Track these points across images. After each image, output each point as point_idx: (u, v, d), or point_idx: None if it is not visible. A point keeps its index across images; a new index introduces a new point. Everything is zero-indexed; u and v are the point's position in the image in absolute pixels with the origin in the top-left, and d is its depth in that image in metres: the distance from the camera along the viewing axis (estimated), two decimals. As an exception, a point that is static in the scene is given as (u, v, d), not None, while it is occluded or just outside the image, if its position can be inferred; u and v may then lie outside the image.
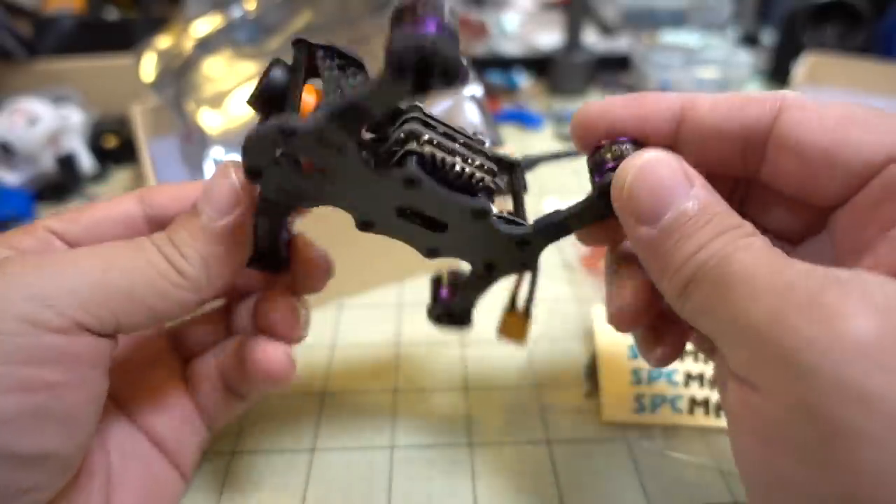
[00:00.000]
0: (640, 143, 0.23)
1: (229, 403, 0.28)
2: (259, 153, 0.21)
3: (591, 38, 0.90)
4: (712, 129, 0.21)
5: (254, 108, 0.22)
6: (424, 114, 0.23)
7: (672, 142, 0.22)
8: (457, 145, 0.23)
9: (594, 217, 0.24)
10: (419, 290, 0.43)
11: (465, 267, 0.27)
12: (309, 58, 0.22)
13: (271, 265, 0.27)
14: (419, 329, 0.40)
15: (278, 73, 0.21)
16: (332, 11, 0.55)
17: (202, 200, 0.23)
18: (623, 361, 0.35)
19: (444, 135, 0.23)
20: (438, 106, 0.47)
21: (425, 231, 0.24)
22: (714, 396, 0.33)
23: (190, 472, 0.28)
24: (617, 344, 0.35)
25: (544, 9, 1.04)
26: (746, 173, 0.22)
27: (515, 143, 0.68)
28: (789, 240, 0.23)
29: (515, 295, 0.29)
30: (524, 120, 0.73)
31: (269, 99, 0.21)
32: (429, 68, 0.16)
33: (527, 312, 0.29)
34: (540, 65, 0.85)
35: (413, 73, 0.16)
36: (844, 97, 0.71)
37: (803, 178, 0.20)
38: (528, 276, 0.28)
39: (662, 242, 0.20)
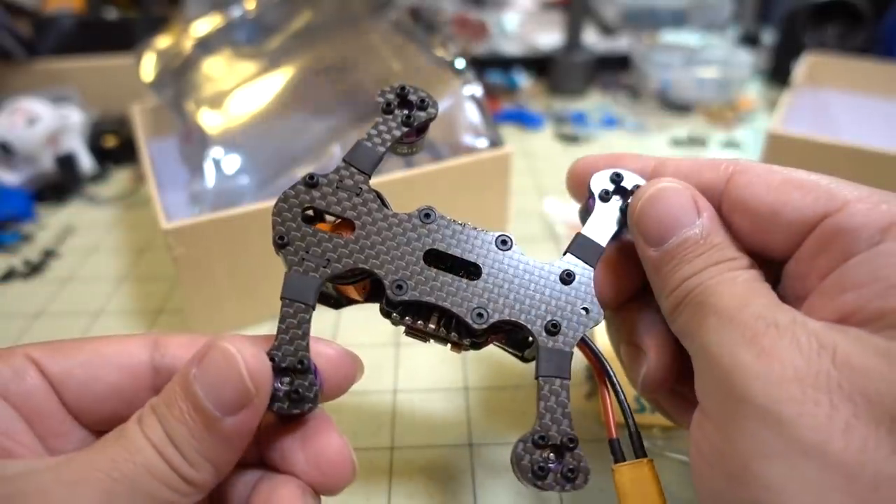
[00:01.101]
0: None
1: None
2: (288, 215, 0.23)
3: (591, 38, 0.90)
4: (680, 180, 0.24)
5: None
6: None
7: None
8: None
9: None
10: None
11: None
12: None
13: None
14: (419, 329, 0.40)
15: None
16: (332, 11, 0.55)
17: (204, 388, 0.19)
18: (623, 361, 0.35)
19: None
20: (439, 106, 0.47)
21: (462, 282, 0.23)
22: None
23: None
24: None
25: (544, 9, 1.04)
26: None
27: (515, 143, 0.68)
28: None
29: (607, 416, 0.24)
30: (524, 120, 0.73)
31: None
32: (407, 101, 0.24)
33: (642, 448, 0.23)
34: (540, 65, 0.85)
35: (398, 108, 0.23)
36: (844, 97, 0.71)
37: (755, 234, 0.22)
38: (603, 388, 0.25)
39: (664, 264, 0.22)
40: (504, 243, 0.24)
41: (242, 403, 0.19)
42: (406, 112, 0.25)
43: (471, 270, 0.23)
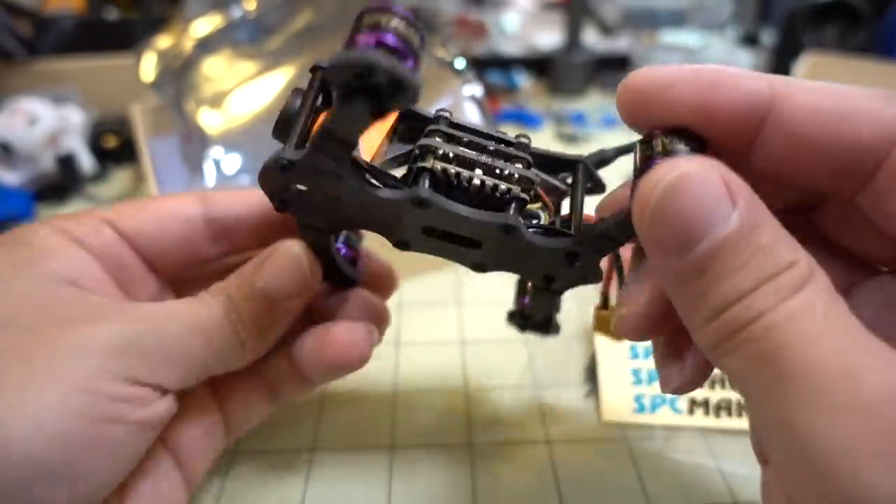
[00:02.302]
0: (702, 141, 0.18)
1: (263, 406, 0.28)
2: (273, 185, 0.22)
3: (591, 38, 0.90)
4: (808, 140, 0.17)
5: (278, 139, 0.22)
6: (451, 122, 0.22)
7: (748, 143, 0.18)
8: (483, 156, 0.21)
9: None
10: (419, 290, 0.43)
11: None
12: (324, 83, 0.22)
13: (340, 280, 0.28)
14: (419, 329, 0.40)
15: (294, 102, 0.21)
16: (333, 11, 0.55)
17: (268, 273, 0.24)
18: (623, 361, 0.35)
19: (469, 144, 0.21)
20: (437, 106, 0.47)
21: (462, 248, 0.22)
22: (714, 397, 0.33)
23: (196, 483, 0.27)
24: (617, 344, 0.35)
25: (544, 9, 1.04)
26: (837, 192, 0.18)
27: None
28: (876, 261, 0.20)
29: (607, 292, 0.28)
30: (524, 120, 0.73)
31: (288, 127, 0.21)
32: (375, 88, 0.15)
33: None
34: (540, 65, 0.85)
35: (362, 95, 0.16)
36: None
37: (802, 168, 0.17)
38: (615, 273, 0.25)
39: (692, 279, 0.16)
40: (508, 232, 0.21)
41: (298, 292, 0.24)
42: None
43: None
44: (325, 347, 0.26)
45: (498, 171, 0.21)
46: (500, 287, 0.28)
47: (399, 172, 0.22)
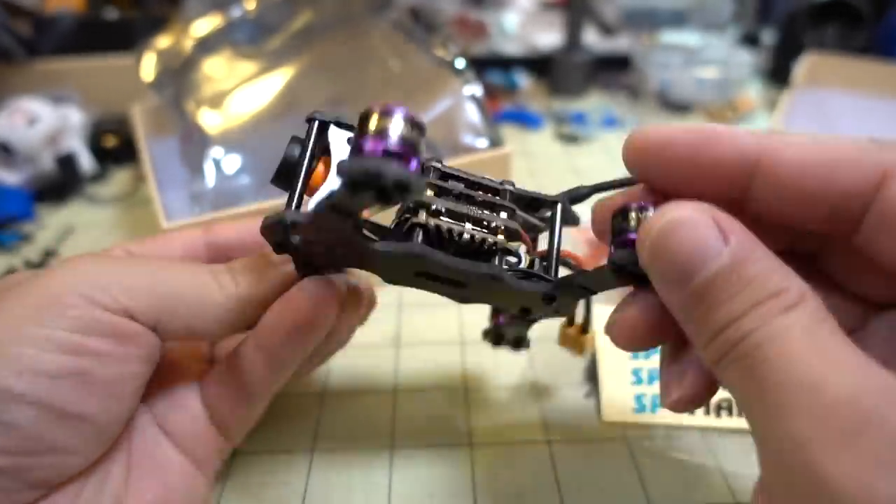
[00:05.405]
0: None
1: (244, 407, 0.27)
2: (276, 236, 0.22)
3: (591, 38, 0.90)
4: (796, 191, 0.19)
5: (279, 187, 0.23)
6: (442, 173, 0.24)
7: (742, 193, 0.20)
8: (472, 207, 0.23)
9: (619, 285, 0.22)
10: (419, 291, 0.43)
11: None
12: (320, 131, 0.23)
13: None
14: (419, 329, 0.40)
15: (293, 151, 0.23)
16: (332, 11, 0.55)
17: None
18: (623, 361, 0.35)
19: (459, 196, 0.23)
20: (437, 106, 0.47)
21: (449, 287, 0.24)
22: (714, 397, 0.33)
23: (212, 472, 0.27)
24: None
25: (544, 9, 1.04)
26: (834, 234, 0.20)
27: (515, 143, 0.68)
28: (881, 300, 0.21)
29: (573, 311, 0.29)
30: (524, 120, 0.73)
31: (287, 175, 0.23)
32: (382, 189, 0.17)
33: (584, 328, 0.31)
34: (540, 65, 0.85)
35: (368, 190, 0.17)
36: (844, 97, 0.71)
37: (792, 212, 0.19)
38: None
39: (694, 307, 0.18)
40: (495, 280, 0.23)
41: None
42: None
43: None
44: (284, 303, 0.25)
45: (485, 223, 0.23)
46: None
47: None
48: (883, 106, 0.70)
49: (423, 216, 0.22)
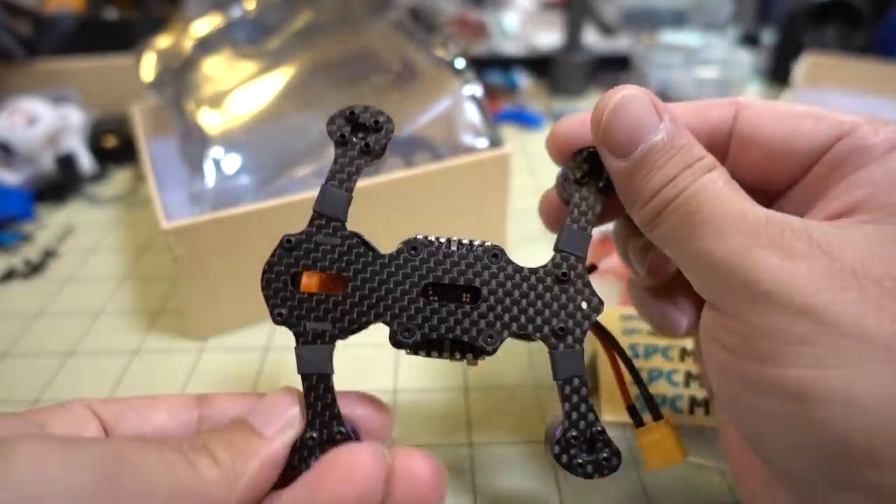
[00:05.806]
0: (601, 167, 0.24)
1: None
2: (278, 286, 0.22)
3: (591, 38, 0.90)
4: (769, 136, 0.23)
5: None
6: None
7: (724, 151, 0.24)
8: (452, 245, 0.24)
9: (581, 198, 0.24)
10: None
11: None
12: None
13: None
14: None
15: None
16: (332, 11, 0.55)
17: (259, 418, 0.21)
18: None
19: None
20: (437, 106, 0.47)
21: (466, 308, 0.23)
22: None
23: None
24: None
25: (544, 9, 1.04)
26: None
27: (515, 143, 0.68)
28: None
29: (623, 388, 0.27)
30: (524, 120, 0.73)
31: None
32: (360, 123, 0.22)
33: (654, 414, 0.26)
34: (540, 65, 0.85)
35: (353, 136, 0.21)
36: (844, 97, 0.71)
37: (764, 167, 0.23)
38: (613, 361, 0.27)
39: (634, 174, 0.22)
40: (495, 256, 0.23)
41: (291, 423, 0.22)
42: (363, 137, 0.23)
43: (470, 290, 0.23)
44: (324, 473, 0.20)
45: (468, 239, 0.24)
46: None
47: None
48: (883, 106, 0.70)
49: (412, 237, 0.24)
